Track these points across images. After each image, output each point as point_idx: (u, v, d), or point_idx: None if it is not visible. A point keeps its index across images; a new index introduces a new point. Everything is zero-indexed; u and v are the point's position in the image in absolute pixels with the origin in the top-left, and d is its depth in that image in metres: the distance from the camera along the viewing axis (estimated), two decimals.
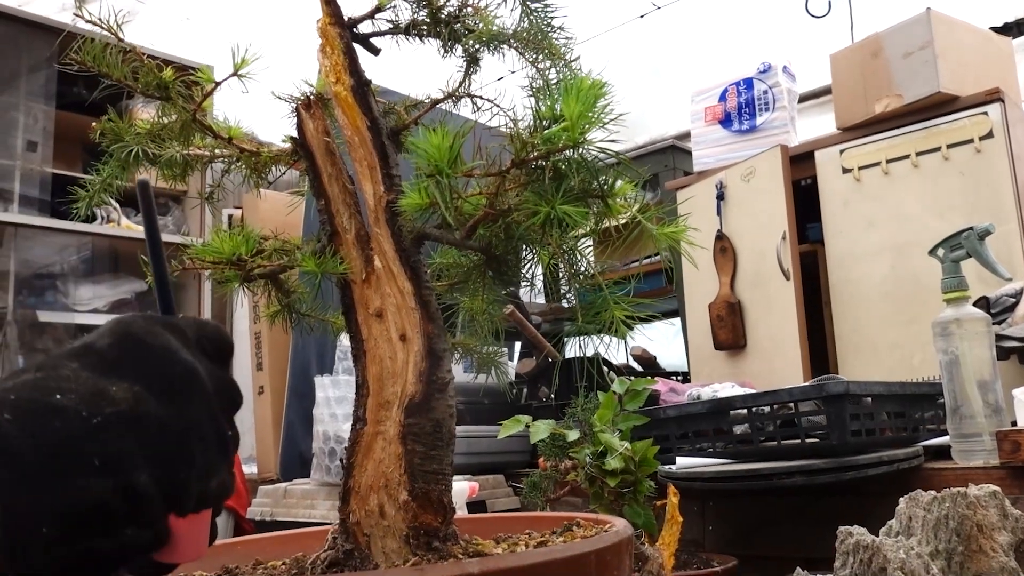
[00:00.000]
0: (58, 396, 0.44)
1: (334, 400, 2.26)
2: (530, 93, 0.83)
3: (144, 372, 0.48)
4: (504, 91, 0.89)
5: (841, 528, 1.10)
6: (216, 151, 0.95)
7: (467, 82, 0.89)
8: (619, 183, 0.79)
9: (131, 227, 3.60)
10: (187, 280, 3.60)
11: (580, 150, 0.77)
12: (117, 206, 3.56)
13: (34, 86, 3.46)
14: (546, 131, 0.75)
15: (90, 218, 3.47)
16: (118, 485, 0.44)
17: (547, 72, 0.85)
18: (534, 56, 0.86)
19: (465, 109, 0.92)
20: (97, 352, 0.48)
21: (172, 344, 0.50)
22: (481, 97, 0.90)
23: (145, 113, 0.92)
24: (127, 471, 0.45)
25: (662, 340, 3.12)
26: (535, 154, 0.77)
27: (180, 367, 0.50)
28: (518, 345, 3.04)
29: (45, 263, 3.52)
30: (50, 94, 3.47)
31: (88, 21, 0.81)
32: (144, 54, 0.86)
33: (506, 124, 0.85)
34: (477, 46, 0.86)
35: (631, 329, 0.83)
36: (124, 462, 0.45)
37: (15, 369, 0.48)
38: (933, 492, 1.12)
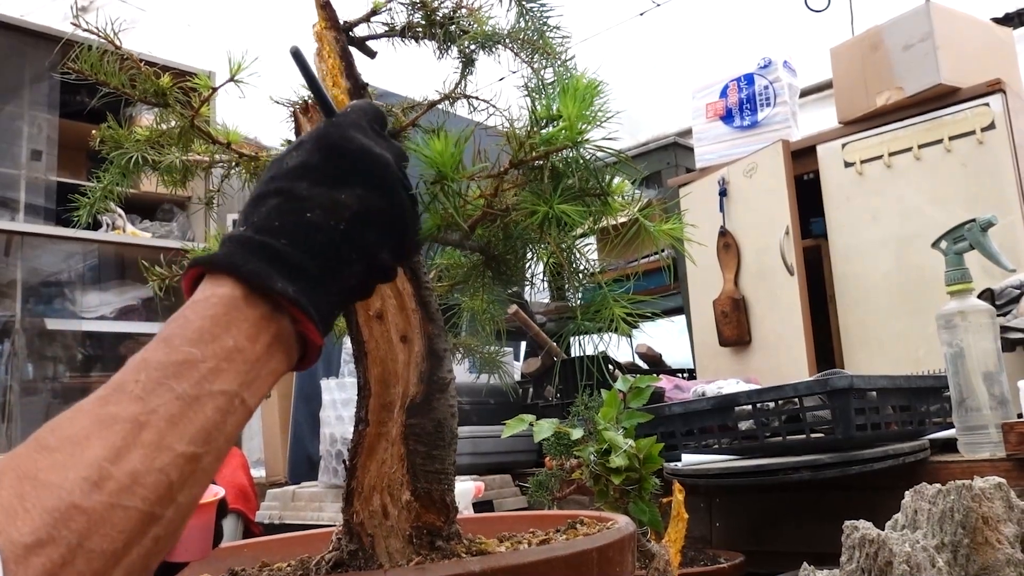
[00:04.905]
0: (308, 214, 0.57)
1: (340, 403, 2.27)
2: (526, 93, 0.83)
3: (356, 174, 0.60)
4: (500, 92, 0.89)
5: (847, 522, 1.09)
6: (215, 156, 0.96)
7: (463, 83, 0.89)
8: (616, 181, 0.79)
9: (136, 234, 3.61)
10: None
11: (579, 149, 0.78)
12: (122, 213, 3.57)
13: (38, 95, 3.47)
14: (544, 131, 0.76)
15: (95, 225, 3.48)
16: (370, 266, 0.60)
17: (543, 72, 0.85)
18: (530, 56, 0.86)
19: (462, 110, 0.92)
20: (316, 168, 0.60)
21: (365, 143, 0.62)
22: (477, 98, 0.90)
23: (148, 120, 0.92)
24: (373, 254, 0.60)
25: (667, 338, 3.11)
26: (533, 154, 0.77)
27: (378, 162, 0.61)
28: (524, 344, 3.05)
29: (52, 271, 3.53)
30: (53, 103, 3.48)
31: (85, 30, 0.82)
32: (141, 61, 0.86)
33: (502, 124, 0.85)
34: (472, 47, 0.86)
35: (632, 327, 0.83)
36: (370, 248, 0.60)
37: (248, 201, 0.60)
38: (938, 485, 1.12)
